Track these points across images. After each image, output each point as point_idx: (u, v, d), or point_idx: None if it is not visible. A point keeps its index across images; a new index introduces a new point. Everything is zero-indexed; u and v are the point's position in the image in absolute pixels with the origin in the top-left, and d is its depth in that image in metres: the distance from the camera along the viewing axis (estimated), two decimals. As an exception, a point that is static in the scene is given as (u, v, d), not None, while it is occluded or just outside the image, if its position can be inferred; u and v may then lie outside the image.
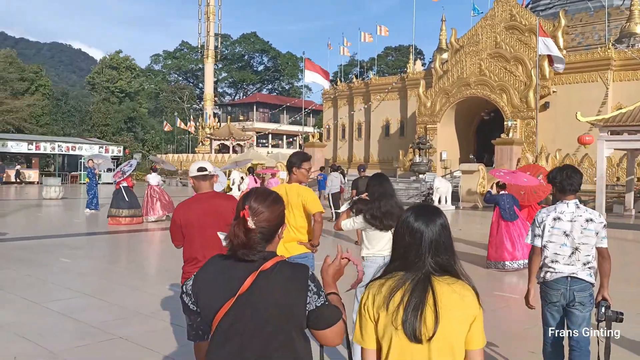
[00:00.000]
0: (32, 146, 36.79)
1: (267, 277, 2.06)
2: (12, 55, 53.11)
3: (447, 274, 2.08)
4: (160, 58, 73.91)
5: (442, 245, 2.10)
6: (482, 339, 2.06)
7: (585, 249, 4.01)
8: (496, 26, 33.44)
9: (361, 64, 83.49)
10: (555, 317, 4.08)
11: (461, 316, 2.02)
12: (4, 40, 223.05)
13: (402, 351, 2.01)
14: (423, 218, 2.12)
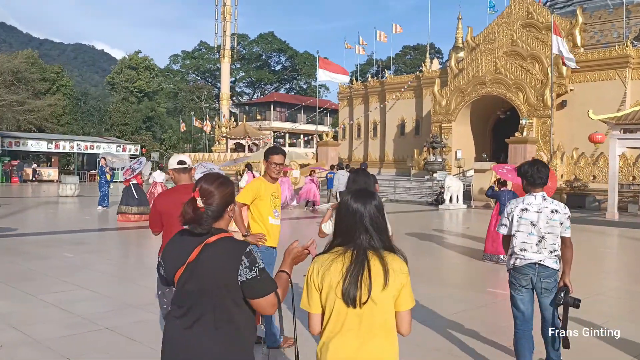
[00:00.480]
0: (52, 145, 37.44)
1: (210, 249, 2.40)
2: (33, 56, 54.07)
3: (381, 249, 2.39)
4: (178, 58, 74.59)
5: (377, 223, 2.41)
6: (410, 302, 2.39)
7: (551, 237, 4.32)
8: (512, 24, 33.11)
9: (379, 63, 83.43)
10: (525, 300, 4.36)
11: (391, 284, 2.33)
12: (29, 41, 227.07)
13: (340, 314, 2.35)
14: (361, 200, 2.43)
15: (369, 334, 2.34)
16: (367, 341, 2.34)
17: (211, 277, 2.36)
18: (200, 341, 2.37)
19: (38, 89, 50.48)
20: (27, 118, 46.31)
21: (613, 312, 6.88)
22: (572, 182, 24.27)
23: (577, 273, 9.60)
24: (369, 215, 2.40)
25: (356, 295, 2.31)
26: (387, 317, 2.36)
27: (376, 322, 2.34)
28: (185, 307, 2.42)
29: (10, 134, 38.38)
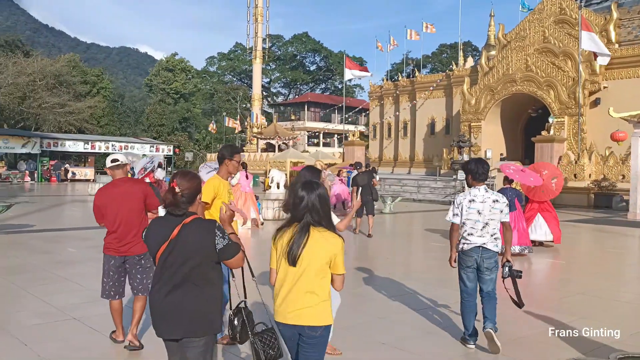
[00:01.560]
0: (88, 145, 38.70)
1: (188, 228, 3.13)
2: (75, 59, 55.89)
3: (321, 226, 3.16)
4: (215, 60, 75.79)
5: (318, 207, 3.17)
6: (340, 269, 3.19)
7: (493, 223, 5.20)
8: (544, 20, 32.39)
9: (414, 62, 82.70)
10: (470, 277, 5.26)
11: (325, 252, 3.12)
12: (77, 45, 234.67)
13: (285, 271, 3.16)
14: (306, 189, 3.21)
15: (304, 288, 3.12)
16: (302, 293, 3.12)
17: (193, 248, 3.10)
18: (182, 299, 3.08)
19: (79, 91, 52.16)
20: (67, 120, 47.91)
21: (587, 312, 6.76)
22: (600, 182, 23.61)
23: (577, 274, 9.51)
24: (311, 200, 3.17)
25: (296, 255, 3.10)
26: (318, 277, 3.13)
27: (310, 279, 3.12)
28: (165, 277, 3.11)
29: (48, 135, 39.86)
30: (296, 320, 3.12)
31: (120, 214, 5.01)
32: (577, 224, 17.13)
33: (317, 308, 3.12)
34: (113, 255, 5.05)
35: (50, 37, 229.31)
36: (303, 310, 3.11)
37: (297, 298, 3.11)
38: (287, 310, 3.13)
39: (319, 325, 3.13)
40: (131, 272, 5.12)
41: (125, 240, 5.03)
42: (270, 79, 77.00)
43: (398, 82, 42.72)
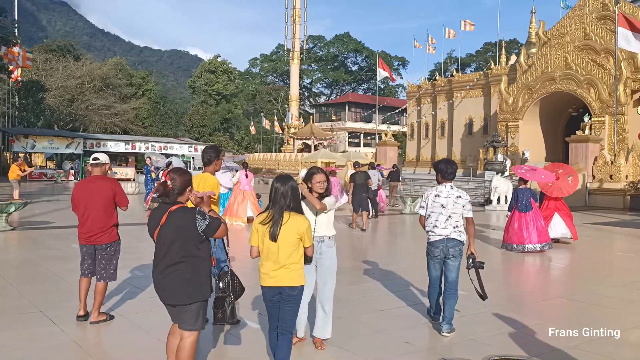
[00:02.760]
0: (129, 146, 39.88)
1: (173, 214, 3.85)
2: (121, 62, 57.72)
3: (292, 210, 4.13)
4: (257, 61, 76.65)
5: (289, 195, 4.12)
6: (308, 242, 4.17)
7: (455, 216, 5.75)
8: (586, 17, 31.32)
9: (457, 61, 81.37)
10: (436, 267, 5.87)
11: (296, 230, 4.09)
12: (130, 49, 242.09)
13: (268, 246, 4.11)
14: (281, 182, 4.18)
15: (283, 258, 4.08)
16: (281, 262, 4.08)
17: (177, 231, 3.81)
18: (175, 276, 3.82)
19: (124, 93, 53.83)
20: (113, 121, 49.54)
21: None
22: (637, 184, 22.66)
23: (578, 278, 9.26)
24: (284, 190, 4.11)
25: (276, 233, 4.05)
26: (293, 249, 4.11)
27: (286, 252, 4.09)
28: (160, 256, 3.87)
29: (91, 136, 41.31)
30: (278, 283, 4.09)
31: (89, 207, 5.63)
32: (603, 227, 16.51)
33: (294, 273, 4.10)
34: (84, 244, 5.72)
35: (106, 41, 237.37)
36: (283, 275, 4.08)
37: (277, 266, 4.08)
38: (270, 276, 4.09)
39: (296, 285, 4.12)
40: (97, 258, 5.72)
41: (92, 232, 5.63)
42: (311, 79, 77.23)
43: (435, 82, 42.18)
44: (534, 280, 9.39)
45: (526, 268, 10.14)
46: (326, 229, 5.15)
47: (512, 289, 8.25)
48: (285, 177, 4.25)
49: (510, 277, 9.56)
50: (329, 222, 5.18)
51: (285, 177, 4.25)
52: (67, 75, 48.28)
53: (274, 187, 4.16)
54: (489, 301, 6.20)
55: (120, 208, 5.84)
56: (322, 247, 5.09)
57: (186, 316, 3.86)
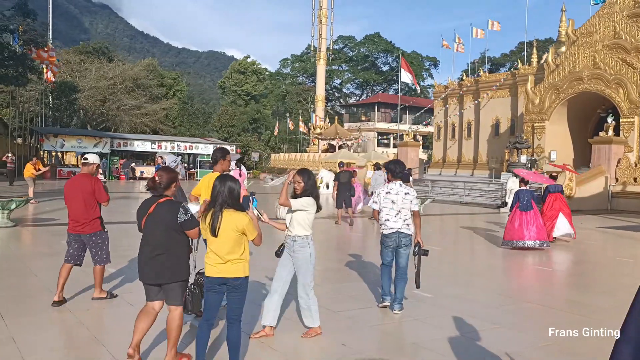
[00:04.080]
0: (155, 145, 40.58)
1: (160, 206, 4.57)
2: (153, 63, 58.79)
3: (231, 208, 4.36)
4: (288, 62, 76.96)
5: (226, 194, 4.36)
6: (251, 235, 4.40)
7: (404, 211, 6.55)
8: (616, 15, 30.35)
9: (492, 61, 79.93)
10: (389, 255, 6.67)
11: (235, 226, 4.31)
12: (169, 50, 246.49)
13: (210, 240, 4.37)
14: (221, 182, 4.41)
15: (224, 251, 4.31)
16: (223, 255, 4.31)
17: (162, 220, 4.52)
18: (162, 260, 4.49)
19: (155, 93, 54.82)
20: (143, 121, 50.50)
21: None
22: (661, 187, 21.87)
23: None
24: (223, 190, 4.36)
25: (216, 228, 4.29)
26: (233, 244, 4.33)
27: (228, 245, 4.32)
28: (145, 241, 4.57)
29: (118, 135, 42.26)
30: (222, 274, 4.34)
31: (74, 201, 6.51)
32: (615, 231, 15.98)
33: (236, 265, 4.34)
34: (70, 233, 6.63)
35: (145, 43, 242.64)
36: (227, 268, 4.33)
37: (220, 259, 4.33)
38: (214, 268, 4.36)
39: (238, 276, 4.35)
40: (89, 246, 6.64)
41: (78, 222, 6.51)
42: (341, 80, 77.08)
43: (462, 82, 41.54)
44: (513, 283, 9.20)
45: (511, 270, 9.97)
46: (298, 228, 5.43)
47: (488, 291, 8.05)
48: (225, 175, 4.58)
49: (492, 278, 9.35)
50: (303, 223, 5.43)
51: (225, 175, 4.58)
52: (99, 76, 49.45)
53: (214, 186, 4.44)
54: (452, 303, 6.98)
55: (102, 203, 6.66)
56: (295, 246, 5.46)
57: (172, 294, 4.60)
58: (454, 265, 10.42)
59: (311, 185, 5.56)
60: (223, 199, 4.35)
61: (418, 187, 29.39)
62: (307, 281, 5.59)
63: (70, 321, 5.87)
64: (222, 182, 4.41)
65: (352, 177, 15.92)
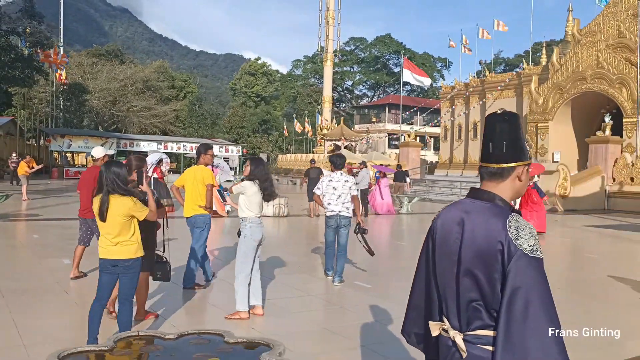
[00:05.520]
0: (161, 146, 41.04)
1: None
2: (164, 65, 59.46)
3: (117, 193, 4.48)
4: (300, 63, 77.07)
5: (112, 180, 4.46)
6: (140, 215, 4.57)
7: (344, 196, 7.59)
8: (620, 14, 30.04)
9: (507, 62, 79.27)
10: (331, 234, 7.70)
11: (121, 210, 4.48)
12: (187, 53, 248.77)
13: (100, 224, 4.55)
14: (106, 168, 4.52)
15: (113, 234, 4.49)
16: (113, 238, 4.50)
17: None
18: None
19: (165, 95, 55.42)
20: (152, 122, 51.08)
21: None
22: (659, 187, 21.56)
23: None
24: (107, 176, 4.48)
25: (104, 212, 4.45)
26: (121, 228, 4.50)
27: (116, 228, 4.49)
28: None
29: (124, 136, 42.84)
30: (113, 255, 4.53)
31: (84, 188, 7.30)
32: (599, 229, 15.83)
33: (126, 247, 4.54)
34: (80, 217, 7.56)
35: (164, 46, 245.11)
36: (117, 250, 4.51)
37: (110, 242, 4.52)
38: (106, 250, 4.54)
39: (129, 258, 4.55)
40: (92, 229, 7.42)
41: (86, 208, 7.23)
42: (352, 81, 77.02)
43: (469, 83, 41.34)
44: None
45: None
46: (240, 211, 5.99)
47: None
48: (110, 163, 4.72)
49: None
50: (243, 205, 5.93)
51: (110, 163, 4.72)
52: (110, 78, 50.18)
53: (100, 172, 4.58)
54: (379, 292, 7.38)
55: None
56: (241, 227, 5.99)
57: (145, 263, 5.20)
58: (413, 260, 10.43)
59: (259, 172, 5.92)
60: (109, 185, 4.48)
61: (417, 187, 29.37)
62: (238, 262, 5.89)
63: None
64: (108, 169, 4.53)
65: (320, 174, 16.41)
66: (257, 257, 6.03)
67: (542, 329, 1.98)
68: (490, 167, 2.26)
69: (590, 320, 6.08)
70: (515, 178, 2.23)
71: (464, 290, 2.12)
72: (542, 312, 2.00)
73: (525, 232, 2.05)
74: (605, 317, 6.39)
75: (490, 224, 2.09)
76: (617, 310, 6.77)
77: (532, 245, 2.03)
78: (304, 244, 11.31)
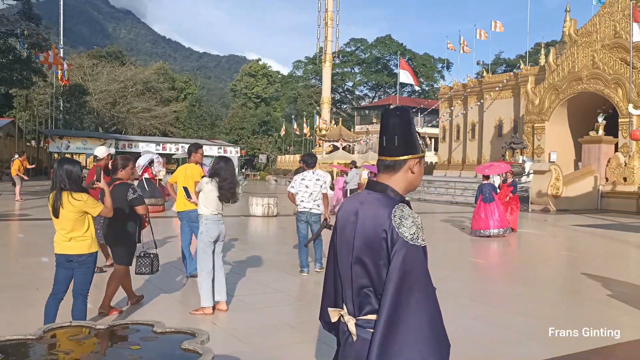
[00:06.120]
0: (159, 147, 41.16)
1: (115, 187, 5.71)
2: (164, 67, 59.67)
3: (69, 190, 4.54)
4: (301, 64, 77.11)
5: (64, 178, 4.53)
6: (94, 211, 4.68)
7: (315, 193, 8.05)
8: (616, 14, 30.08)
9: (508, 62, 79.13)
10: (304, 227, 8.19)
11: (72, 208, 4.56)
12: (190, 55, 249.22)
13: (54, 220, 4.64)
14: (59, 166, 4.61)
15: (67, 230, 4.59)
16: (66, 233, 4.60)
17: (115, 197, 5.39)
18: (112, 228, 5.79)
19: (165, 97, 55.60)
20: (152, 123, 51.26)
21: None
22: (651, 187, 21.56)
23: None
24: (60, 173, 4.55)
25: (57, 209, 4.53)
26: (74, 224, 4.60)
27: (69, 224, 4.59)
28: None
29: (123, 137, 43.02)
30: (67, 251, 4.65)
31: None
32: (590, 229, 15.85)
33: (80, 243, 4.65)
34: None
35: (167, 48, 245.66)
36: (71, 245, 4.62)
37: (64, 237, 4.63)
38: (61, 245, 4.65)
39: (82, 253, 4.66)
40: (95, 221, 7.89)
41: None
42: (353, 82, 77.07)
43: (466, 83, 41.39)
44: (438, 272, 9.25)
45: (441, 262, 10.04)
46: (199, 208, 6.19)
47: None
48: (62, 160, 4.83)
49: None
50: (200, 202, 6.14)
51: (62, 160, 4.83)
52: (110, 80, 50.40)
53: (53, 170, 4.76)
54: None
55: None
56: (200, 224, 6.13)
57: (115, 255, 5.99)
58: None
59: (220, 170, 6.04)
60: (61, 182, 4.57)
61: (413, 188, 29.42)
62: (198, 259, 6.07)
63: None
64: (60, 166, 4.63)
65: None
66: (218, 254, 6.14)
67: (419, 313, 2.07)
68: (384, 160, 2.34)
69: (552, 315, 6.16)
70: (408, 170, 2.31)
71: (356, 276, 2.23)
72: (420, 297, 2.09)
73: (408, 221, 2.15)
74: (567, 313, 6.45)
75: (378, 214, 2.18)
76: (582, 306, 6.83)
77: (413, 234, 2.12)
78: (289, 244, 11.39)
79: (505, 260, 11.10)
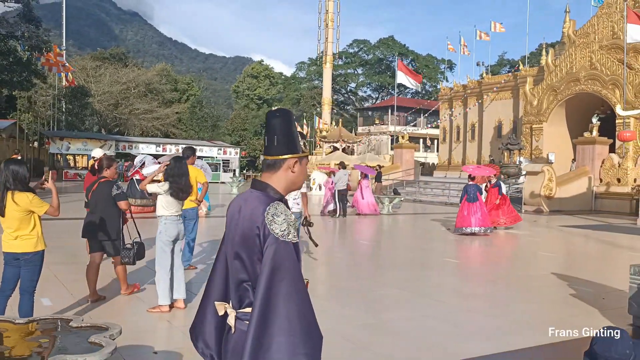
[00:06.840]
0: (160, 148, 41.43)
1: (100, 184, 6.43)
2: (166, 68, 59.96)
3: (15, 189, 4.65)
4: (304, 65, 77.26)
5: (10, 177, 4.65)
6: (40, 210, 4.77)
7: (293, 193, 7.77)
8: (614, 15, 30.02)
9: (511, 63, 78.90)
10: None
11: (17, 207, 4.66)
12: (196, 56, 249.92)
13: (1, 219, 4.73)
14: (5, 166, 4.71)
15: (13, 229, 4.71)
16: (12, 232, 4.71)
17: (101, 194, 6.31)
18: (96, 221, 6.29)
19: (168, 98, 55.87)
20: (154, 125, 51.54)
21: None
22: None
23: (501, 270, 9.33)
24: (6, 173, 4.65)
25: (2, 208, 4.63)
26: (19, 223, 4.70)
27: (15, 223, 4.71)
28: (92, 208, 6.44)
29: (123, 138, 43.32)
30: (14, 249, 4.76)
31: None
32: (574, 229, 15.85)
33: (26, 241, 4.76)
34: None
35: (174, 49, 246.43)
36: (18, 243, 4.74)
37: (11, 236, 4.75)
38: (8, 244, 4.75)
39: (29, 251, 4.78)
40: None
41: None
42: (356, 83, 77.14)
43: (466, 84, 41.39)
44: (417, 272, 9.29)
45: (418, 261, 10.11)
46: (159, 210, 6.31)
47: (365, 280, 8.21)
48: (8, 161, 4.93)
49: (394, 267, 9.47)
50: (158, 204, 6.30)
51: (8, 161, 4.93)
52: (113, 81, 50.72)
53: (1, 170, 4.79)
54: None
55: None
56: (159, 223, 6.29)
57: (107, 248, 6.45)
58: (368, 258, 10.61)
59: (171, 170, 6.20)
60: (7, 181, 4.66)
61: (409, 189, 29.46)
62: (156, 258, 6.20)
63: None
64: (6, 166, 4.73)
65: None
66: (177, 253, 6.25)
67: (288, 306, 2.17)
68: (267, 160, 2.44)
69: (511, 312, 6.24)
70: (288, 169, 2.40)
71: (235, 271, 2.33)
72: (289, 290, 2.19)
73: (280, 218, 2.24)
74: (525, 310, 6.51)
75: (254, 211, 2.28)
76: (541, 305, 6.89)
77: (283, 230, 2.21)
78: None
79: (477, 259, 11.20)
